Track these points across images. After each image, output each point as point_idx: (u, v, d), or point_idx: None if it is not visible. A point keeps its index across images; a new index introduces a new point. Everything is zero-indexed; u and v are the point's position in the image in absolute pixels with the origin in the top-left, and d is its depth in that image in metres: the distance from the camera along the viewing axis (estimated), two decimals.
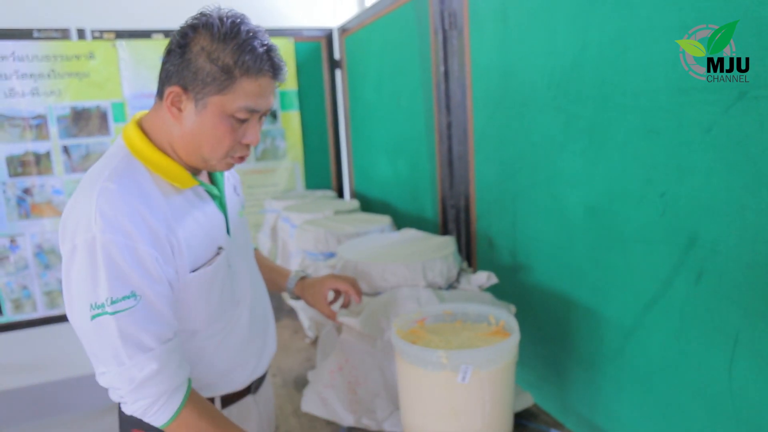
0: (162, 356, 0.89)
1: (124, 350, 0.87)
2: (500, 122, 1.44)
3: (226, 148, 0.95)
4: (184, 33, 0.91)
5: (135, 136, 0.97)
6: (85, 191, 0.89)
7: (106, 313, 0.86)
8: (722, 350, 0.90)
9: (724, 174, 0.86)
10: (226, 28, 0.90)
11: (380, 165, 2.38)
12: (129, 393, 0.89)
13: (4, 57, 2.32)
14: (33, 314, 2.49)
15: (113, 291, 0.86)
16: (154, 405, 0.90)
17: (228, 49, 0.90)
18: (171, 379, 0.90)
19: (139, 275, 0.88)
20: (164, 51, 0.94)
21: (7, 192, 2.39)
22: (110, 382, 0.90)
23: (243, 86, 0.91)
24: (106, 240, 0.85)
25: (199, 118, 0.93)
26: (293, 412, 1.38)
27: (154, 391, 0.89)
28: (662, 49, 0.93)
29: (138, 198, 0.89)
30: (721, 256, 0.88)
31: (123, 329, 0.86)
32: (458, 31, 1.59)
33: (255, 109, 0.94)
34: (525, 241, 1.40)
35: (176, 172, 0.96)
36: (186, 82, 0.91)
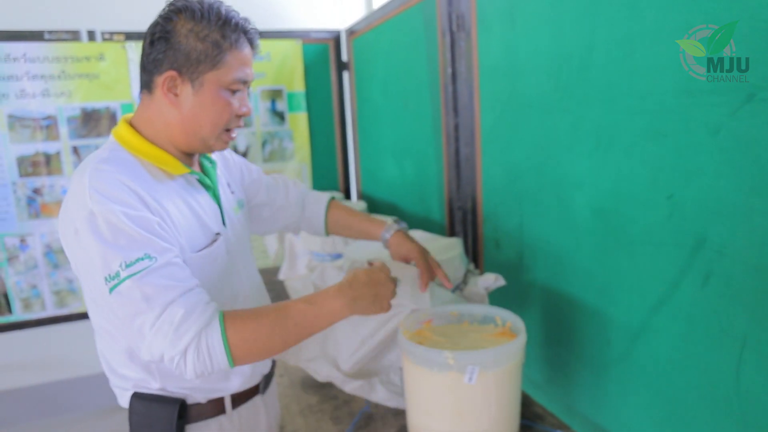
0: (186, 302, 0.87)
1: (151, 311, 0.85)
2: (507, 124, 1.45)
3: (224, 122, 0.99)
4: (167, 19, 0.95)
5: (125, 131, 0.99)
6: (76, 181, 0.90)
7: (122, 280, 0.85)
8: (729, 353, 0.90)
9: (731, 176, 0.86)
10: (207, 6, 0.95)
11: (387, 166, 2.38)
12: (170, 348, 0.85)
13: (16, 58, 2.34)
14: (42, 313, 2.52)
15: (125, 255, 0.85)
16: (200, 346, 0.86)
17: (213, 26, 0.94)
18: (200, 315, 0.87)
19: (148, 237, 0.87)
20: (145, 43, 0.97)
21: (17, 192, 2.41)
22: (151, 349, 0.87)
23: (233, 58, 0.96)
24: (105, 210, 0.85)
25: (198, 98, 0.96)
26: (299, 412, 1.39)
27: (189, 334, 0.86)
28: (669, 50, 0.93)
29: (128, 176, 0.91)
30: (729, 258, 0.88)
31: (145, 289, 0.85)
32: (466, 32, 1.60)
33: (245, 79, 1.00)
34: (532, 242, 1.40)
35: (168, 159, 0.99)
36: (179, 65, 0.94)
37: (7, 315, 2.47)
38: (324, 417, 1.35)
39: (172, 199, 0.97)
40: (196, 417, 1.04)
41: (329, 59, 2.81)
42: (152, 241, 0.87)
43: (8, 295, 2.46)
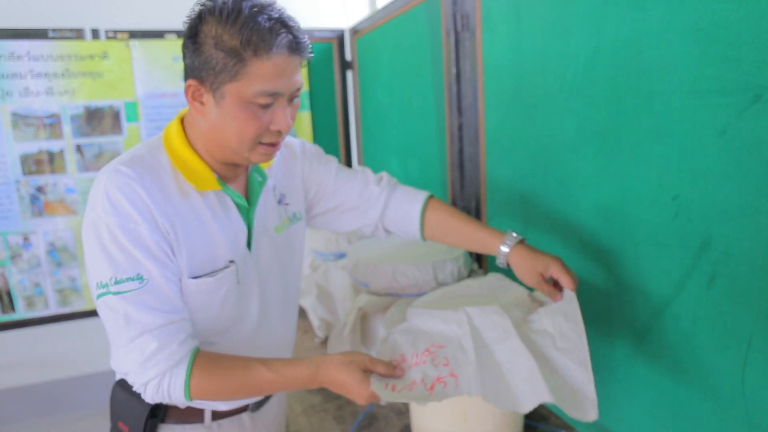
0: (161, 336, 0.87)
1: (127, 332, 0.86)
2: (512, 124, 1.44)
3: (252, 136, 0.89)
4: (192, 23, 0.87)
5: (173, 131, 0.95)
6: (100, 175, 0.89)
7: (109, 292, 0.86)
8: (735, 354, 0.90)
9: (737, 177, 0.86)
10: (228, 7, 0.83)
11: (391, 166, 2.38)
12: (135, 375, 0.88)
13: (20, 57, 2.34)
14: (45, 311, 2.52)
15: (117, 271, 0.86)
16: (161, 384, 0.88)
17: (232, 30, 0.82)
18: (170, 357, 0.88)
19: (145, 257, 0.86)
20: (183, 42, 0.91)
21: (20, 190, 2.41)
22: (118, 365, 0.90)
23: (256, 69, 0.84)
24: (111, 222, 0.85)
25: (220, 110, 0.88)
26: (302, 412, 1.39)
27: (154, 371, 0.87)
28: (676, 51, 0.93)
29: (144, 187, 0.87)
30: (734, 259, 0.88)
31: (127, 310, 0.86)
32: (470, 32, 1.59)
33: (275, 91, 0.86)
34: (536, 243, 1.40)
35: (198, 172, 0.93)
36: (200, 73, 0.86)
37: (10, 313, 2.47)
38: (327, 416, 1.35)
39: (186, 219, 0.92)
40: (171, 418, 1.02)
41: (333, 58, 2.81)
42: (146, 263, 0.87)
43: (11, 294, 2.47)
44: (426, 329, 0.96)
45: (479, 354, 0.89)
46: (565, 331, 0.91)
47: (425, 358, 0.92)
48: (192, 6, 0.88)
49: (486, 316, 0.93)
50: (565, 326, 0.92)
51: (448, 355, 0.91)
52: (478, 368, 0.87)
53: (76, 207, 2.49)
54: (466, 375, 0.87)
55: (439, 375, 0.89)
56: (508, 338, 0.90)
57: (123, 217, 0.85)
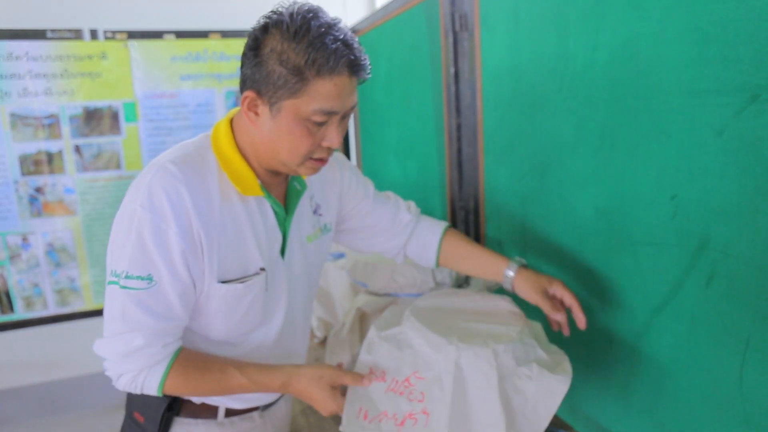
0: (149, 336, 0.90)
1: (119, 324, 0.89)
2: (510, 124, 1.44)
3: (304, 152, 0.91)
4: (256, 35, 0.87)
5: (222, 132, 0.96)
6: (149, 167, 0.91)
7: (117, 284, 0.88)
8: (733, 354, 0.90)
9: (735, 177, 0.86)
10: (296, 25, 0.83)
11: (390, 166, 2.38)
12: (112, 364, 0.91)
13: (18, 57, 2.34)
14: (44, 312, 2.52)
15: (131, 267, 0.87)
16: (136, 379, 0.91)
17: (298, 48, 0.83)
18: (152, 356, 0.91)
19: (162, 261, 0.88)
20: (243, 51, 0.91)
21: (19, 190, 2.41)
22: (100, 348, 0.92)
23: (317, 88, 0.85)
24: (144, 218, 0.86)
25: (275, 123, 0.89)
26: (301, 412, 1.39)
27: (132, 366, 0.90)
28: (674, 51, 0.93)
29: (189, 190, 0.88)
30: (733, 259, 0.88)
31: (126, 305, 0.88)
32: (469, 32, 1.60)
33: (332, 111, 0.87)
34: (534, 243, 1.40)
35: (244, 176, 0.94)
36: (259, 86, 0.87)
37: (9, 314, 2.47)
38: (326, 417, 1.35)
39: (225, 224, 0.93)
40: (186, 413, 1.05)
41: None
42: (161, 267, 0.88)
43: (10, 294, 2.47)
44: (415, 346, 0.96)
45: (455, 396, 0.91)
46: (539, 407, 0.93)
47: (403, 389, 0.95)
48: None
49: (475, 359, 0.93)
50: (541, 402, 0.93)
51: (426, 390, 0.93)
52: (451, 411, 0.90)
53: (75, 207, 2.49)
54: (438, 415, 0.91)
55: (412, 411, 0.93)
56: (488, 390, 0.92)
57: (157, 216, 0.86)
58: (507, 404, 0.92)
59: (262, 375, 0.97)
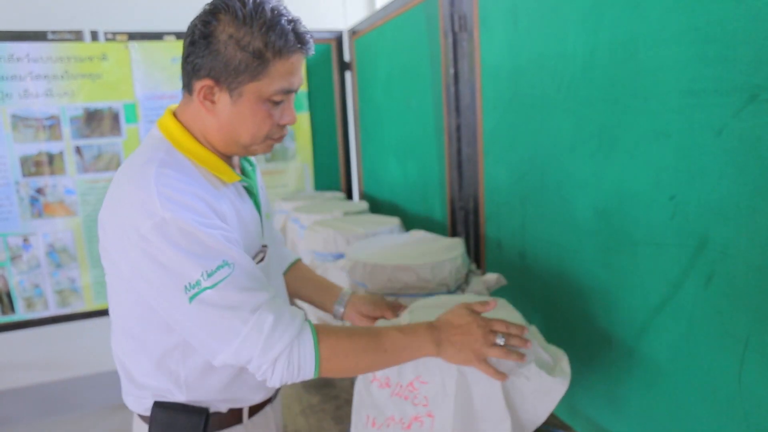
0: (272, 307, 0.86)
1: (237, 318, 0.84)
2: (510, 124, 1.45)
3: (265, 132, 0.93)
4: (206, 21, 0.86)
5: (175, 129, 0.94)
6: (136, 180, 0.85)
7: (205, 288, 0.82)
8: (732, 354, 0.90)
9: (734, 177, 0.86)
10: (250, 8, 0.85)
11: (389, 167, 2.38)
12: (260, 356, 0.84)
13: (19, 58, 2.34)
14: (44, 312, 2.52)
15: (205, 264, 0.83)
16: (291, 357, 0.86)
17: (256, 32, 0.85)
18: (291, 324, 0.87)
19: (223, 244, 0.85)
20: (185, 42, 0.90)
21: (20, 191, 2.42)
22: (239, 355, 0.85)
23: (277, 68, 0.87)
24: (178, 218, 0.82)
25: (236, 108, 0.90)
26: (301, 412, 1.39)
27: (281, 344, 0.85)
28: (672, 51, 0.93)
29: (192, 183, 0.87)
30: (732, 259, 0.88)
31: (229, 298, 0.83)
32: (468, 33, 1.60)
33: (290, 89, 0.91)
34: (534, 243, 1.40)
35: (221, 165, 0.94)
36: (217, 74, 0.87)
37: (10, 314, 2.48)
38: (325, 417, 1.35)
39: (226, 212, 0.92)
40: (215, 426, 1.02)
41: (332, 59, 2.81)
42: (227, 248, 0.85)
43: (11, 295, 2.47)
44: None
45: (459, 399, 0.92)
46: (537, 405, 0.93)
47: (407, 393, 0.95)
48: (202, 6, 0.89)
49: None
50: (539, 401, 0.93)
51: (429, 394, 0.94)
52: (455, 413, 0.91)
53: (75, 208, 2.49)
54: (442, 418, 0.91)
55: (417, 414, 0.93)
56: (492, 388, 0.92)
57: (190, 211, 0.83)
58: (509, 400, 0.93)
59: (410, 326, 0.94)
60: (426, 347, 0.93)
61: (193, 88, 0.90)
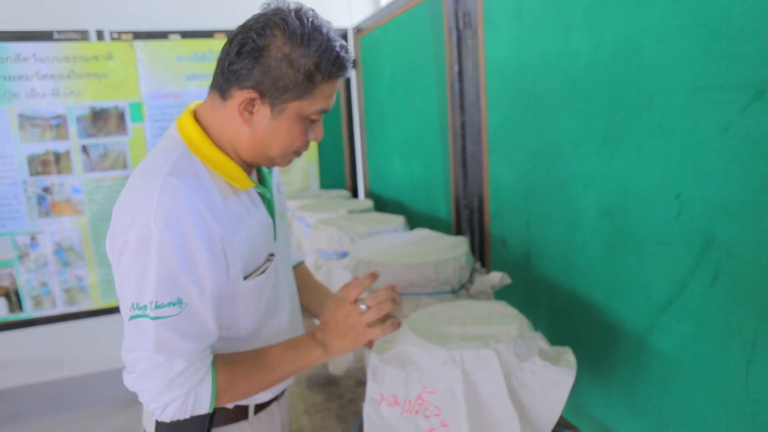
0: (191, 357, 0.87)
1: (155, 355, 0.84)
2: (514, 122, 1.44)
3: (296, 148, 0.95)
4: (262, 34, 0.85)
5: (194, 132, 0.93)
6: (144, 185, 0.85)
7: (146, 316, 0.83)
8: (739, 354, 0.89)
9: (741, 175, 0.85)
10: (308, 29, 0.86)
11: (394, 165, 2.38)
12: (157, 394, 0.86)
13: (26, 58, 2.36)
14: (52, 311, 2.54)
15: (159, 295, 0.82)
16: (186, 401, 0.87)
17: (310, 53, 0.86)
18: (196, 373, 0.88)
19: (190, 281, 0.84)
20: (231, 49, 0.88)
21: (27, 190, 2.43)
22: (136, 384, 0.87)
23: (322, 90, 0.89)
24: (164, 240, 0.81)
25: (275, 123, 0.90)
26: (305, 411, 1.39)
27: (180, 390, 0.86)
28: (678, 47, 0.92)
29: (200, 197, 0.86)
30: (738, 258, 0.87)
31: (161, 335, 0.84)
32: (472, 30, 1.59)
33: (327, 109, 0.93)
34: (538, 241, 1.39)
35: (236, 172, 0.93)
36: (264, 88, 0.87)
37: (18, 312, 2.50)
38: (329, 416, 1.35)
39: (232, 222, 0.92)
40: (220, 421, 1.03)
41: None
42: (190, 287, 0.85)
43: (19, 293, 2.49)
44: (418, 362, 0.96)
45: (469, 401, 0.91)
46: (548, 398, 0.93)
47: (418, 407, 0.94)
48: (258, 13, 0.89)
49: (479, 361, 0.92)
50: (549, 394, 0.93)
51: (440, 403, 0.93)
52: (468, 416, 0.90)
53: (82, 207, 2.51)
54: (457, 424, 0.91)
55: (431, 426, 0.92)
56: (497, 388, 0.92)
57: (179, 235, 0.82)
58: (516, 399, 0.92)
59: (299, 346, 0.99)
60: (313, 352, 1.00)
61: (232, 95, 0.89)
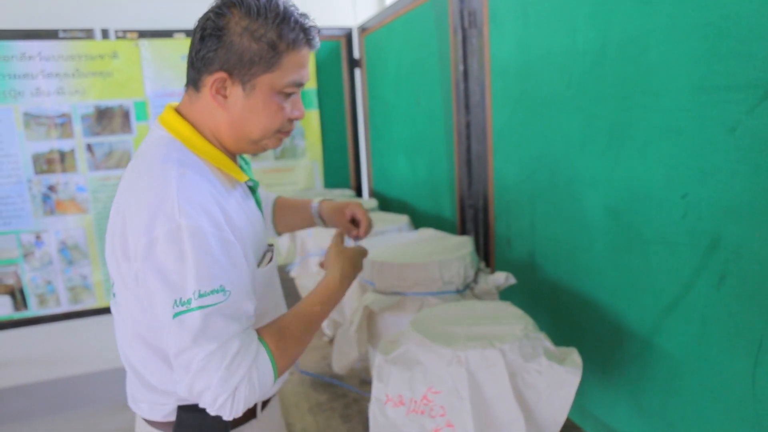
0: (242, 336, 0.85)
1: (208, 344, 0.81)
2: (519, 122, 1.43)
3: (277, 125, 0.94)
4: (219, 14, 0.87)
5: (184, 128, 0.93)
6: (156, 182, 0.84)
7: (191, 309, 0.80)
8: (745, 355, 0.88)
9: (748, 175, 0.84)
10: (264, 2, 0.87)
11: (399, 164, 2.37)
12: (221, 384, 0.81)
13: (31, 57, 2.36)
14: (57, 309, 2.54)
15: (201, 283, 0.81)
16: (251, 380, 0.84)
17: (270, 24, 0.87)
18: (250, 349, 0.85)
19: (228, 264, 0.84)
20: (195, 38, 0.90)
21: (32, 189, 2.44)
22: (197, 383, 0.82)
23: (289, 59, 0.89)
24: (195, 227, 0.80)
25: (249, 101, 0.90)
26: (309, 410, 1.39)
27: (242, 370, 0.83)
28: (684, 47, 0.92)
29: (210, 186, 0.87)
30: (744, 259, 0.86)
31: (209, 324, 0.81)
32: (478, 29, 1.58)
33: (301, 81, 0.92)
34: (543, 241, 1.39)
35: (233, 165, 0.94)
36: (230, 66, 0.87)
37: (23, 310, 2.50)
38: (333, 415, 1.35)
39: (239, 214, 0.92)
40: (233, 423, 1.01)
41: (341, 56, 2.81)
42: (230, 271, 0.84)
43: (24, 291, 2.50)
44: (423, 362, 0.96)
45: (474, 402, 0.91)
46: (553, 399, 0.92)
47: (423, 407, 0.94)
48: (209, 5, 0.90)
49: (484, 361, 0.92)
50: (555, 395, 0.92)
51: (445, 403, 0.93)
52: (474, 417, 0.90)
53: (87, 206, 2.51)
54: (462, 425, 0.90)
55: (437, 426, 0.92)
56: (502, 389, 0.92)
57: (210, 222, 0.82)
58: (521, 400, 0.92)
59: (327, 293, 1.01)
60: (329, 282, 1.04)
61: (204, 83, 0.90)
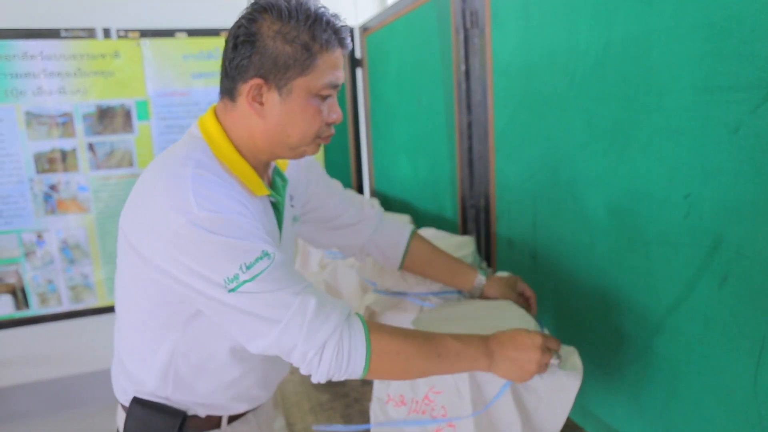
0: (314, 291, 0.84)
1: (279, 305, 0.81)
2: (521, 122, 1.43)
3: (315, 130, 0.92)
4: (251, 20, 0.87)
5: (216, 131, 0.93)
6: (170, 180, 0.84)
7: (243, 282, 0.80)
8: (748, 356, 0.88)
9: (750, 175, 0.84)
10: (294, 5, 0.86)
11: (400, 164, 2.37)
12: (305, 341, 0.81)
13: (33, 56, 2.36)
14: (58, 308, 2.55)
15: (243, 257, 0.81)
16: (341, 343, 0.82)
17: (302, 26, 0.86)
18: (335, 308, 0.84)
19: (261, 236, 0.84)
20: (227, 47, 0.90)
21: (34, 188, 2.44)
22: (280, 343, 0.82)
23: (324, 61, 0.88)
24: (212, 215, 0.81)
25: (286, 106, 0.89)
26: (310, 410, 1.39)
27: (327, 327, 0.82)
28: (687, 47, 0.91)
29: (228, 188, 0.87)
30: (747, 259, 0.86)
31: (269, 287, 0.81)
32: (479, 29, 1.58)
33: (336, 83, 0.91)
34: (545, 242, 1.39)
35: (253, 177, 0.93)
36: (265, 71, 0.87)
37: (24, 309, 2.50)
38: (335, 415, 1.35)
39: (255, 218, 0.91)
40: (191, 429, 1.02)
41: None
42: (265, 238, 0.85)
43: (25, 290, 2.50)
44: None
45: (475, 401, 0.91)
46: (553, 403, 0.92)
47: (424, 407, 0.94)
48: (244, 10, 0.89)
49: None
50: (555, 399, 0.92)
51: (446, 403, 0.93)
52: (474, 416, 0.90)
53: (88, 205, 2.51)
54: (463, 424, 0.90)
55: (438, 427, 0.92)
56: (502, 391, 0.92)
57: (225, 209, 0.82)
58: (520, 402, 0.92)
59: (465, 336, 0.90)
60: (480, 360, 0.89)
61: (240, 91, 0.89)
